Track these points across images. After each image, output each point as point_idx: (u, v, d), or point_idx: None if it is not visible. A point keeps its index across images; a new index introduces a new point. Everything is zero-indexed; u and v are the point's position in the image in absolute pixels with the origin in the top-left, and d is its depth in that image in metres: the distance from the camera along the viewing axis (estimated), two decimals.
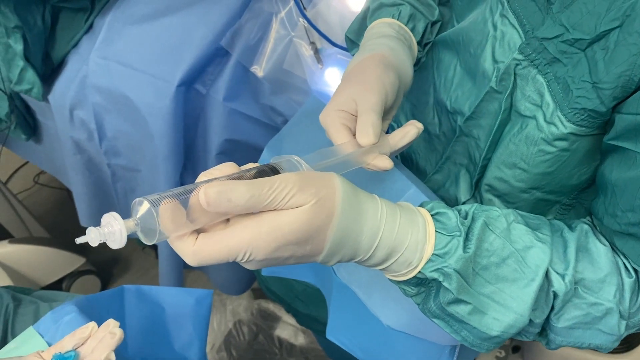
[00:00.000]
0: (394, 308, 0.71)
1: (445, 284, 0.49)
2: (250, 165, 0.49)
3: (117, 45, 1.12)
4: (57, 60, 1.22)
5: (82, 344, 0.62)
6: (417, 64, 0.77)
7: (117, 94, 1.11)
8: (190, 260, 0.43)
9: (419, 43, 0.75)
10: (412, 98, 0.81)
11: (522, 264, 0.51)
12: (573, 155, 0.60)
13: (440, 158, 0.77)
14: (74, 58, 1.19)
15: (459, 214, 0.52)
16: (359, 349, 0.80)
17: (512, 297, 0.51)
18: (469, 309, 0.51)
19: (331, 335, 0.83)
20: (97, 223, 0.42)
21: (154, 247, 1.80)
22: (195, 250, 0.43)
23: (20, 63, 1.17)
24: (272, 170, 0.49)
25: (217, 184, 0.41)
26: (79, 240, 0.42)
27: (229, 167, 0.47)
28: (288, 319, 1.56)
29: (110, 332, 0.61)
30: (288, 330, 1.55)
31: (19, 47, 1.15)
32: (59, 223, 1.92)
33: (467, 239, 0.50)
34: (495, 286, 0.51)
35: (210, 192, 0.41)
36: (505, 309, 0.51)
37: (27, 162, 2.04)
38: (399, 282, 0.53)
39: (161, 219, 0.41)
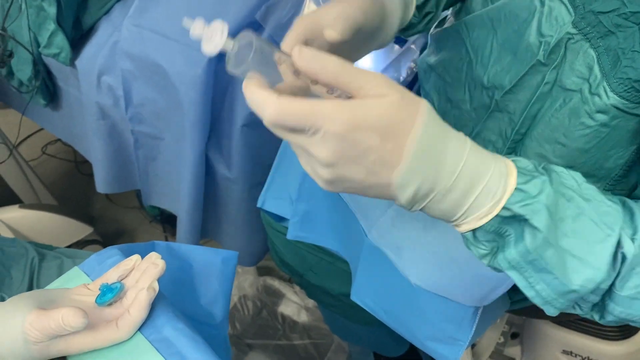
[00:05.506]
0: (423, 268, 0.74)
1: (534, 222, 0.47)
2: None
3: (152, 14, 1.14)
4: (86, 26, 1.23)
5: (126, 276, 0.64)
6: (409, 30, 0.76)
7: (148, 61, 1.13)
8: (270, 111, 0.42)
9: (417, 7, 0.73)
10: (445, 75, 0.85)
11: (598, 219, 0.49)
12: (612, 133, 0.61)
13: (470, 134, 0.80)
14: (105, 24, 1.21)
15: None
16: (383, 311, 0.83)
17: (589, 252, 0.49)
18: (555, 255, 0.48)
19: (355, 296, 0.86)
20: (115, 190, 0.45)
21: (162, 221, 1.82)
22: (277, 102, 0.42)
23: (52, 26, 1.18)
24: None
25: (313, 49, 0.43)
26: (185, 23, 0.47)
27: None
28: (292, 296, 1.59)
29: (153, 263, 0.63)
30: (292, 307, 1.58)
31: (52, 10, 1.16)
32: (65, 193, 1.93)
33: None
34: (572, 239, 0.49)
35: (305, 49, 0.43)
36: (583, 263, 0.49)
37: (35, 132, 2.05)
38: (474, 233, 0.51)
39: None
